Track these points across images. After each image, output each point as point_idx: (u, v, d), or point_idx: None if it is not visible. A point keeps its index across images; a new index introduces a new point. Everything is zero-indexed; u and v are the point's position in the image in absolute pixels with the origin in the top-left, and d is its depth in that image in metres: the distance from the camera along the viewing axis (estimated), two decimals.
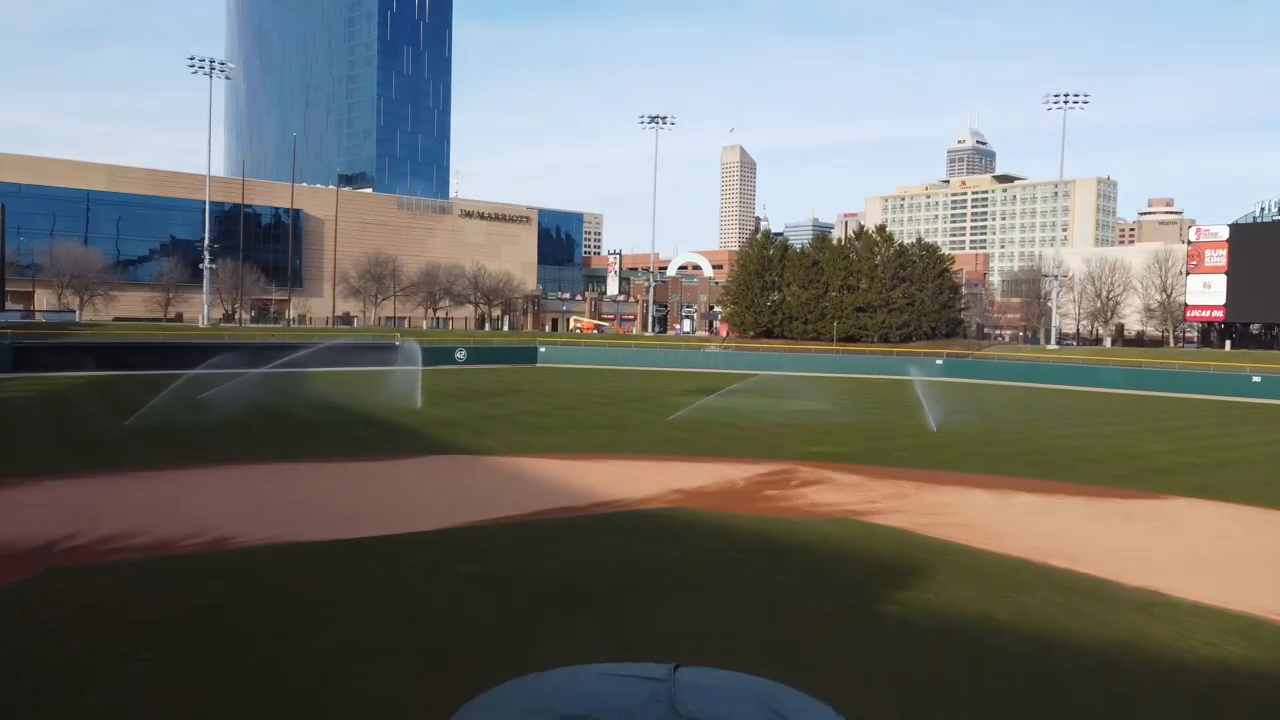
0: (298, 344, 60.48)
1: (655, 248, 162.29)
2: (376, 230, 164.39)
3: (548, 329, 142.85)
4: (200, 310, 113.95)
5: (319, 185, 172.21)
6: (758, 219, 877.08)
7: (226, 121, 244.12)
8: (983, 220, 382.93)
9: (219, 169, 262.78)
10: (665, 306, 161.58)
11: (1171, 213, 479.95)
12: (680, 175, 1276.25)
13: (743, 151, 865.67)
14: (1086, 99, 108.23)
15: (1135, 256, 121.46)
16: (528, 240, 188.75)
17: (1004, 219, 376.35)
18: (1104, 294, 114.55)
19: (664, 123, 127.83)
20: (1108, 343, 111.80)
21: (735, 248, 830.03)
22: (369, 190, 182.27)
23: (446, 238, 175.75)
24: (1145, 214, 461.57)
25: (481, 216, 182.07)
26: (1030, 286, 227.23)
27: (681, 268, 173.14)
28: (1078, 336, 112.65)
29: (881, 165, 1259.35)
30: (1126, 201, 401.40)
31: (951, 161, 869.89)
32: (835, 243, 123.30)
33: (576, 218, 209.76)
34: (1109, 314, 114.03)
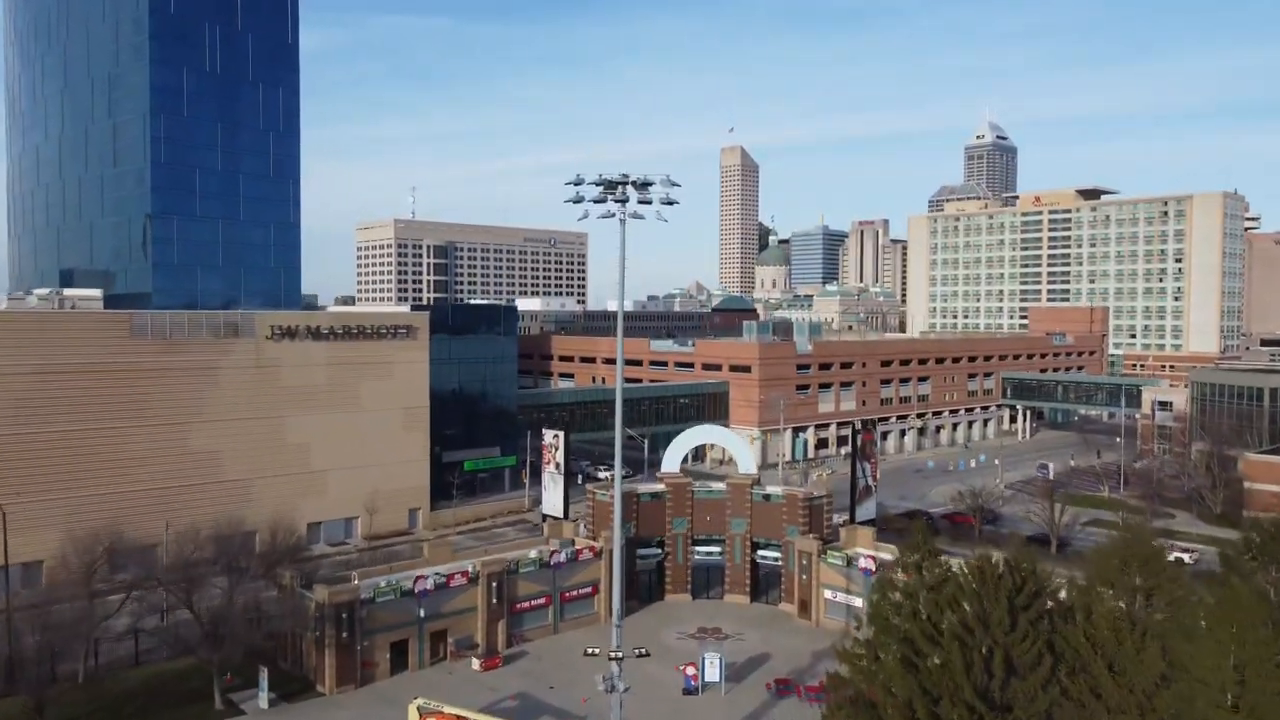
0: None
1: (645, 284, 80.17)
2: (70, 384, 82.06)
3: (386, 666, 59.54)
4: None
5: None
6: (762, 225, 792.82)
7: (6, 137, 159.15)
8: (1064, 246, 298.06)
9: None
10: (661, 548, 78.15)
11: (1248, 219, 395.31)
12: (675, 178, 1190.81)
13: (743, 153, 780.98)
14: None
15: None
16: (411, 364, 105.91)
17: (1093, 245, 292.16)
18: None
19: (636, 189, 43.96)
20: None
21: (740, 279, 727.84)
22: (94, 296, 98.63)
23: (240, 383, 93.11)
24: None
25: (315, 334, 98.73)
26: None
27: (692, 454, 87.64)
28: None
29: (893, 165, 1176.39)
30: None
31: (970, 159, 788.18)
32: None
33: (507, 309, 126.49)
34: None
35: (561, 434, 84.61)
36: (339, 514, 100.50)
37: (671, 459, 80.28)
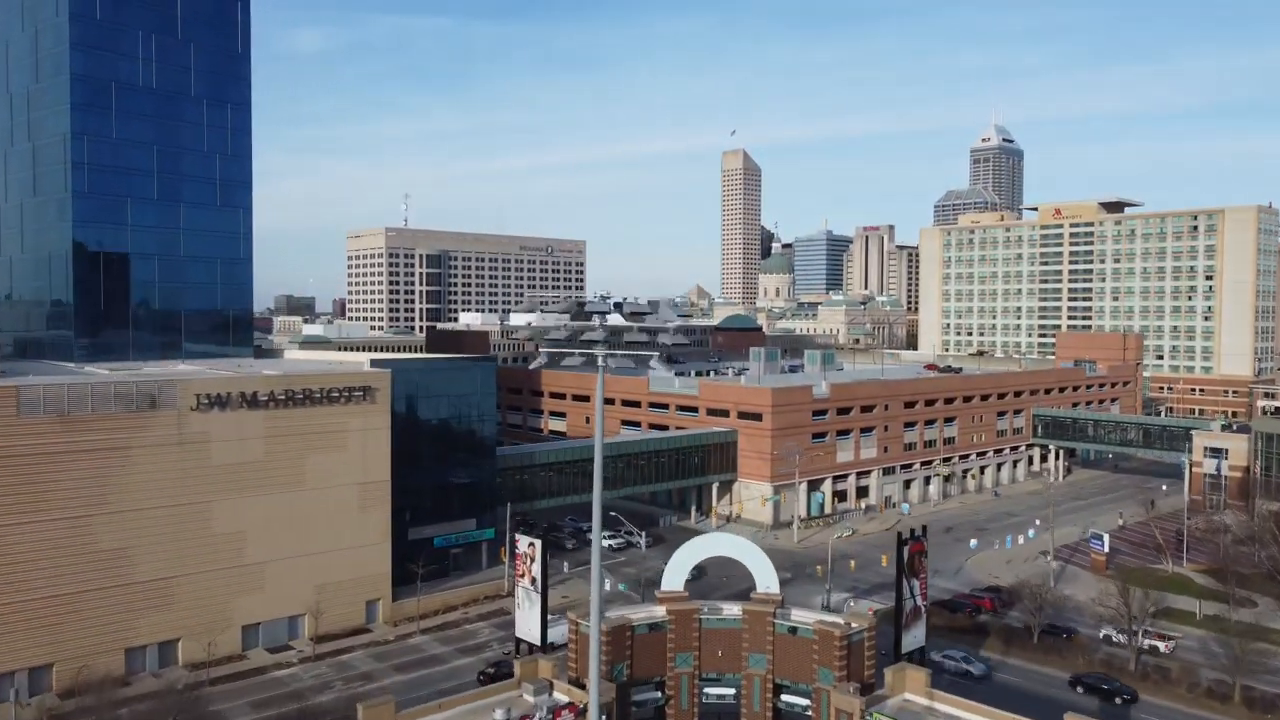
0: None
1: (645, 289, 64.82)
2: None
3: None
4: None
5: None
6: (765, 230, 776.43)
7: None
8: (1086, 262, 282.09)
9: None
10: (662, 690, 63.07)
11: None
12: (675, 180, 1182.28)
13: (745, 156, 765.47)
14: None
15: None
16: (369, 431, 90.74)
17: (1117, 260, 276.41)
18: None
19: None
20: None
21: (742, 284, 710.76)
22: None
23: (158, 464, 78.09)
24: None
25: (251, 402, 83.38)
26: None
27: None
28: None
29: (897, 169, 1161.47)
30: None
31: (976, 162, 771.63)
32: None
33: (484, 361, 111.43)
34: None
35: (539, 543, 69.09)
36: (281, 612, 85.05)
37: (673, 577, 64.82)
